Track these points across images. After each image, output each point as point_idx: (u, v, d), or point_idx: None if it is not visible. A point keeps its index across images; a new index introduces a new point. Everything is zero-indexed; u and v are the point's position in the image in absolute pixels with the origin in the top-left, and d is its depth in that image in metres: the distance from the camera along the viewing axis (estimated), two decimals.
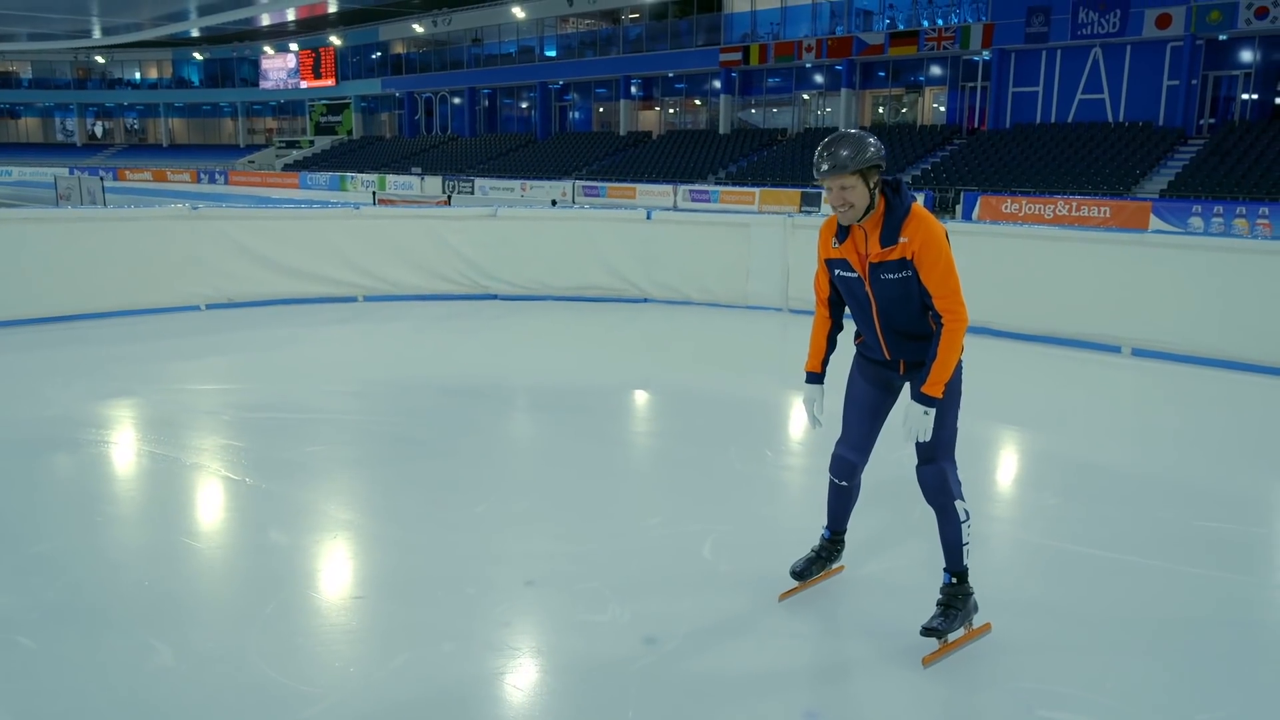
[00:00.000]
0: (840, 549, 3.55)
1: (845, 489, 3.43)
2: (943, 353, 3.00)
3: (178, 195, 34.26)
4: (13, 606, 3.34)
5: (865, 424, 3.31)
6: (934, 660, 3.05)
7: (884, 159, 3.00)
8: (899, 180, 3.06)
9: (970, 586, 3.19)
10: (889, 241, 2.99)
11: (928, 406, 3.01)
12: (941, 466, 3.10)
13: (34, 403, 6.12)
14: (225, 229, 9.63)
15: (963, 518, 3.13)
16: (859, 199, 2.98)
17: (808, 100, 39.02)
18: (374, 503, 4.59)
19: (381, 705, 2.81)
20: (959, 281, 2.99)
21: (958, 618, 3.13)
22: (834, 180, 2.97)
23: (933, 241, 2.96)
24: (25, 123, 67.02)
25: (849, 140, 2.97)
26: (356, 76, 55.46)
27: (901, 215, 2.99)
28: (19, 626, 3.20)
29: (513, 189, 37.58)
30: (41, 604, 3.38)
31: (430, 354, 8.16)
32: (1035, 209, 24.92)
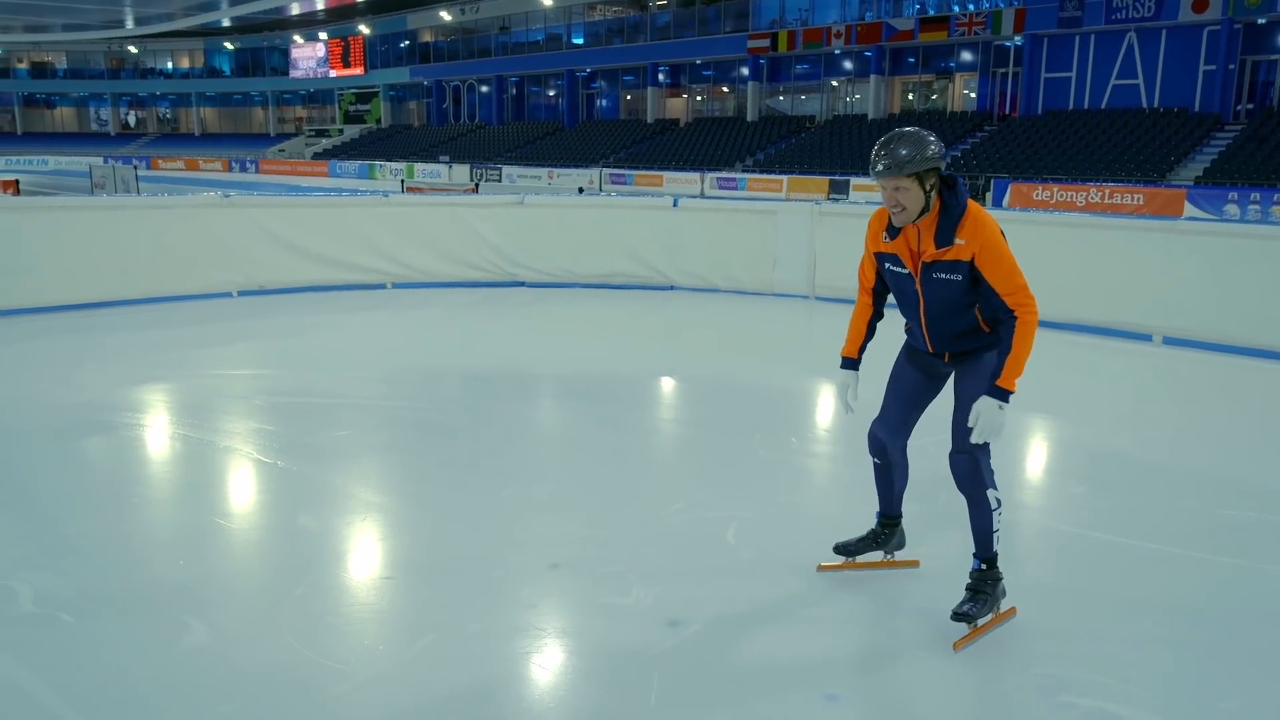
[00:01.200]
0: (892, 534, 3.53)
1: (882, 467, 3.42)
2: (1017, 345, 2.95)
3: (210, 184, 34.64)
4: (53, 584, 3.43)
5: (904, 408, 3.30)
6: (965, 644, 3.06)
7: (943, 159, 2.93)
8: (955, 178, 3.00)
9: (999, 572, 3.20)
10: (944, 243, 2.95)
11: (1002, 401, 2.96)
12: (974, 455, 3.08)
13: (70, 388, 6.25)
14: (256, 217, 9.74)
15: (994, 506, 3.12)
16: (912, 201, 2.93)
17: (836, 87, 38.76)
18: (401, 487, 4.65)
19: (409, 684, 2.87)
20: (1022, 274, 2.95)
21: (987, 603, 3.13)
22: (889, 181, 2.91)
23: (992, 242, 2.92)
24: (61, 112, 67.98)
25: (908, 140, 2.90)
26: (385, 65, 55.73)
27: (957, 216, 2.94)
28: (59, 604, 3.28)
29: (540, 177, 37.66)
30: (79, 582, 3.47)
31: (457, 341, 8.23)
32: (1067, 196, 24.64)
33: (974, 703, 2.85)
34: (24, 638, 3.06)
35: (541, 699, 2.85)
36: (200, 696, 2.77)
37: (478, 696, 2.81)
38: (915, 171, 2.89)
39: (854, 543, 3.53)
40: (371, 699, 2.78)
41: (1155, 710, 2.78)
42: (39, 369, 6.83)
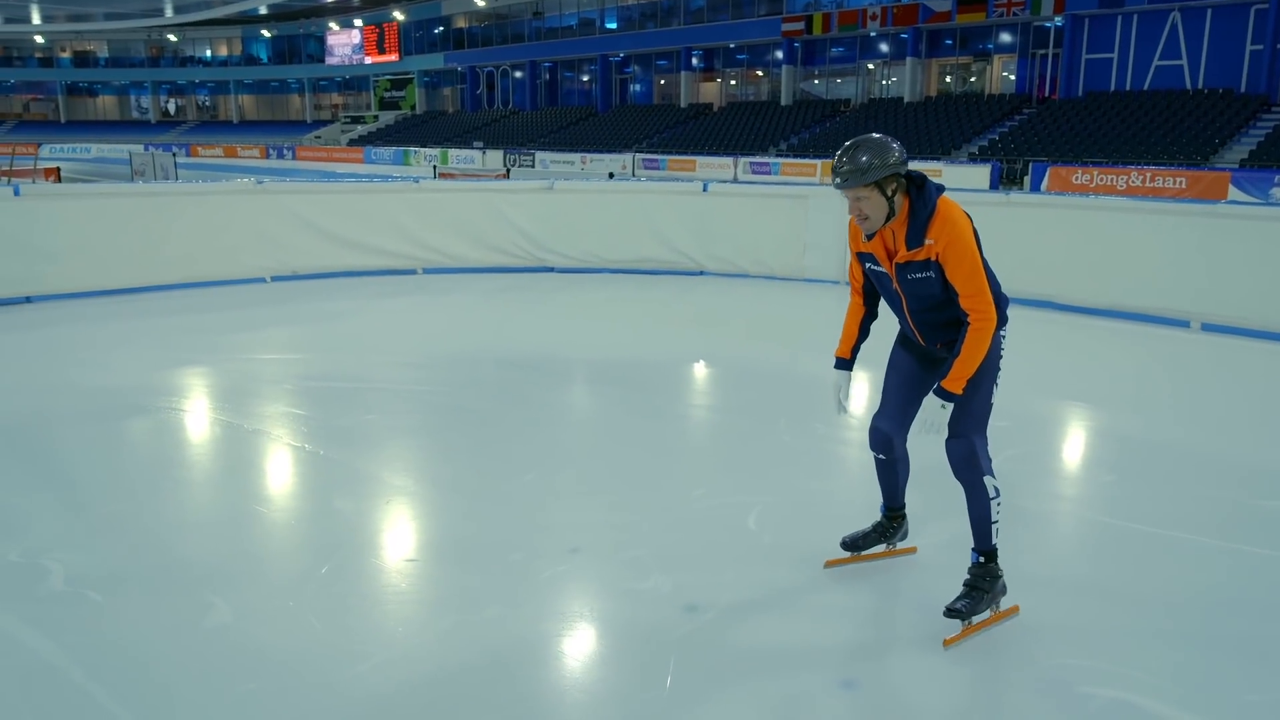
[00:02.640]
0: (898, 526, 3.52)
1: (885, 463, 3.39)
2: (967, 350, 2.92)
3: (247, 170, 34.99)
4: (84, 563, 3.50)
5: (904, 395, 3.26)
6: (955, 642, 2.99)
7: (903, 165, 2.90)
8: (923, 178, 2.96)
9: (998, 568, 3.12)
10: (915, 243, 2.93)
11: (945, 401, 2.95)
12: (971, 440, 3.03)
13: (108, 371, 6.36)
14: (289, 203, 9.84)
15: (992, 494, 3.06)
16: (874, 210, 2.93)
17: (872, 70, 38.31)
18: (427, 470, 4.69)
19: (428, 665, 2.90)
20: (985, 279, 2.91)
21: (984, 599, 3.06)
22: (849, 192, 2.91)
23: (957, 241, 2.88)
24: (102, 101, 69.02)
25: (864, 149, 2.88)
26: (419, 51, 55.92)
27: (926, 216, 2.91)
28: (89, 582, 3.35)
29: (573, 162, 37.63)
30: (110, 561, 3.54)
31: (486, 326, 8.26)
32: (1107, 180, 24.18)
33: (993, 692, 2.82)
34: (54, 615, 3.12)
35: (559, 682, 2.86)
36: (222, 675, 2.81)
37: (496, 679, 2.83)
38: (873, 181, 2.87)
39: (861, 537, 3.50)
40: (390, 680, 2.81)
41: (1179, 703, 2.74)
42: (78, 353, 6.96)
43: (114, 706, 2.65)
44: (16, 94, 67.76)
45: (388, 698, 2.73)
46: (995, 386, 3.07)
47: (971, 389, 2.98)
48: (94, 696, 2.69)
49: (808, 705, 2.73)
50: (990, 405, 3.07)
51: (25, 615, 3.11)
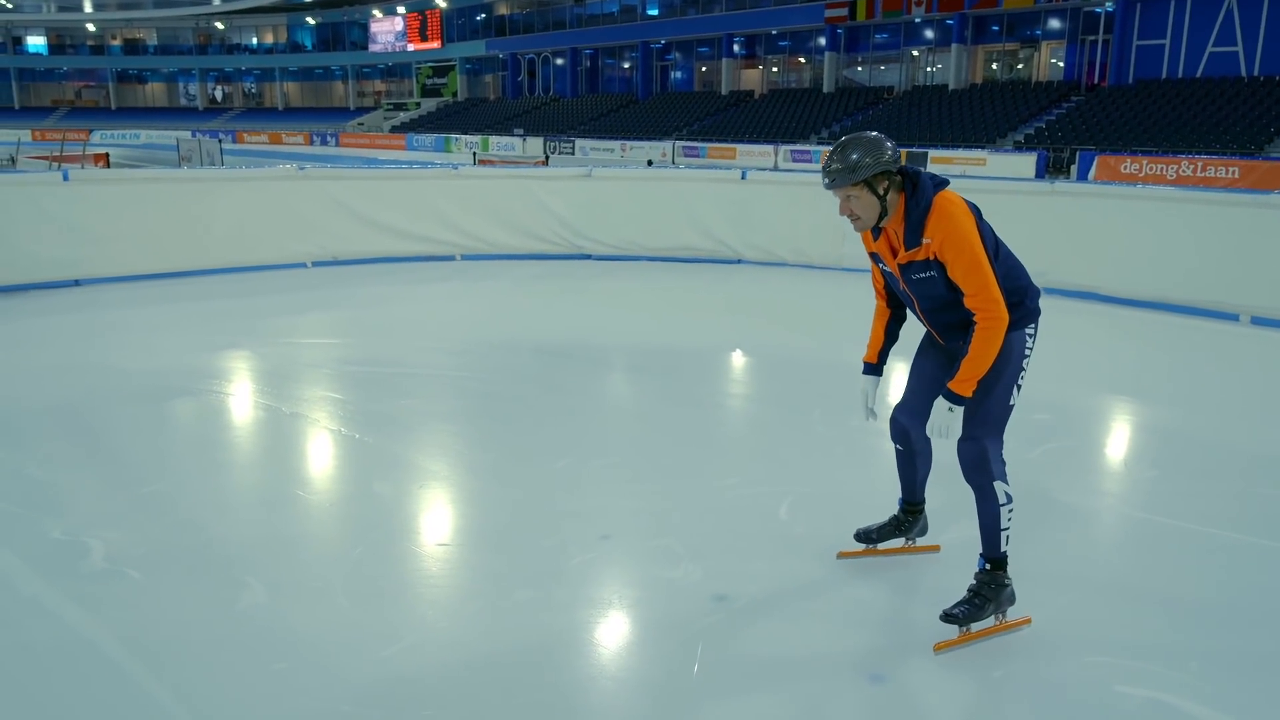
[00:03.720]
0: (914, 520, 3.44)
1: (904, 454, 3.33)
2: (974, 350, 2.79)
3: (291, 157, 35.42)
4: (124, 541, 3.57)
5: (926, 388, 3.15)
6: (946, 648, 2.88)
7: (895, 163, 2.81)
8: (918, 174, 2.85)
9: (1007, 577, 2.99)
10: (913, 243, 2.83)
11: (954, 404, 2.85)
12: (982, 444, 2.90)
13: (152, 353, 6.48)
14: (330, 189, 9.94)
15: (1003, 500, 2.93)
16: (864, 209, 2.84)
17: (916, 57, 37.81)
18: (462, 455, 4.72)
19: (457, 649, 2.92)
20: (989, 275, 2.77)
21: (986, 608, 2.95)
22: (837, 191, 2.83)
23: (953, 237, 2.75)
24: (151, 88, 70.17)
25: (855, 146, 2.79)
26: (461, 38, 56.14)
27: (922, 214, 2.79)
28: (129, 560, 3.42)
29: (613, 150, 37.59)
30: (150, 540, 3.61)
31: (523, 313, 8.29)
32: (1157, 169, 23.64)
33: (1026, 688, 2.78)
34: (94, 592, 3.19)
35: (587, 668, 2.87)
36: (255, 654, 2.86)
37: (524, 663, 2.84)
38: (862, 179, 2.78)
39: (875, 530, 3.44)
40: (419, 662, 2.84)
41: (1214, 703, 2.68)
42: (123, 335, 7.09)
43: (150, 683, 2.70)
44: (69, 81, 69.11)
45: (418, 680, 2.75)
46: (1018, 387, 2.93)
47: (985, 391, 2.86)
48: (131, 673, 2.75)
49: (835, 698, 2.71)
50: (1009, 407, 2.94)
51: (67, 591, 3.18)
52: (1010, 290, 2.87)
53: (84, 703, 2.63)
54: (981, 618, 2.94)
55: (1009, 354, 2.87)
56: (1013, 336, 2.88)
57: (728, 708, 2.65)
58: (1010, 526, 2.97)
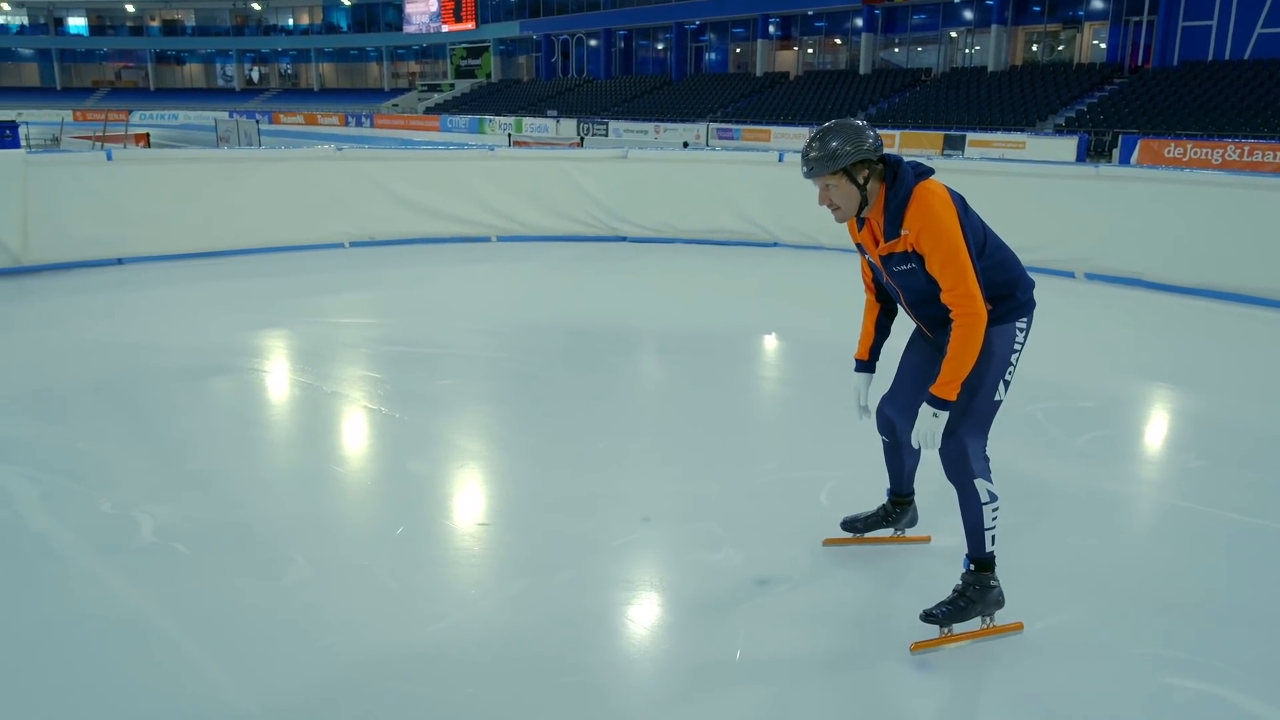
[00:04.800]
0: (903, 512, 3.39)
1: (890, 446, 3.26)
2: (954, 350, 2.68)
3: (327, 138, 35.62)
4: (172, 516, 3.62)
5: (914, 382, 3.03)
6: (923, 649, 2.79)
7: (876, 151, 2.71)
8: (899, 162, 2.75)
9: (993, 578, 2.89)
10: (892, 234, 2.73)
11: (938, 409, 2.73)
12: (963, 440, 2.78)
13: (193, 331, 6.56)
14: (367, 170, 9.99)
15: (985, 499, 2.82)
16: (843, 199, 2.75)
17: (955, 38, 37.27)
18: (500, 436, 4.74)
19: (500, 628, 2.94)
20: (968, 270, 2.64)
21: (970, 609, 2.85)
22: (816, 180, 2.74)
23: (931, 228, 2.65)
24: (189, 69, 70.85)
25: (835, 133, 2.70)
26: (495, 19, 56.09)
27: (901, 204, 2.70)
28: (177, 535, 3.47)
29: (646, 131, 37.45)
30: (196, 515, 3.66)
31: (558, 294, 8.30)
32: (1202, 154, 23.17)
33: (1072, 679, 2.75)
34: (144, 566, 3.24)
35: (628, 649, 2.88)
36: (302, 629, 2.89)
37: (566, 644, 2.85)
38: (842, 168, 2.70)
39: (862, 520, 3.40)
40: (463, 641, 2.86)
41: (1268, 697, 2.63)
42: (166, 313, 7.18)
43: (200, 656, 2.74)
44: (109, 62, 69.93)
45: (461, 659, 2.77)
46: (1005, 383, 2.81)
47: (970, 389, 2.75)
48: (181, 645, 2.79)
49: (881, 683, 2.70)
50: (994, 404, 2.82)
51: (117, 565, 3.23)
52: (1000, 283, 2.78)
53: (135, 672, 2.67)
54: (964, 619, 2.85)
55: (994, 349, 2.76)
56: (1000, 330, 2.77)
57: (769, 692, 2.64)
58: (996, 526, 2.87)
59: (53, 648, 2.78)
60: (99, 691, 2.60)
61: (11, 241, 8.13)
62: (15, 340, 6.42)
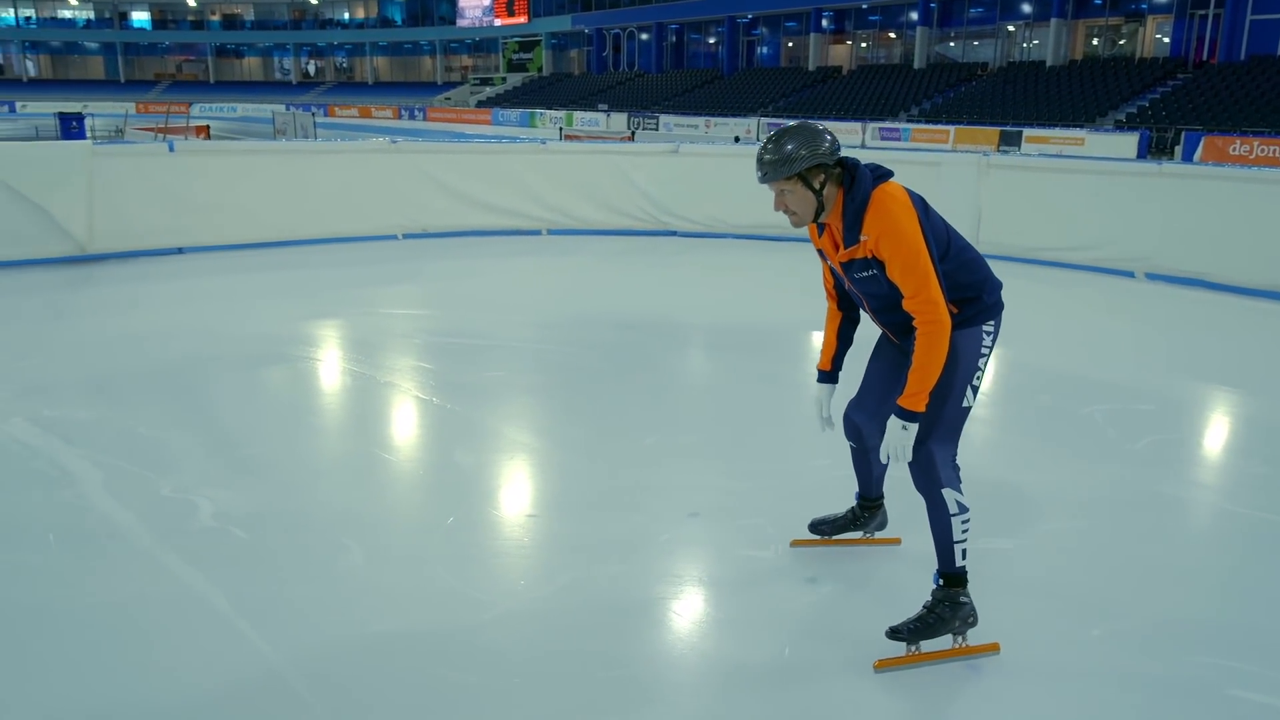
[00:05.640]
0: (871, 516, 3.33)
1: (857, 451, 3.21)
2: (919, 360, 2.59)
3: (381, 131, 36.06)
4: (230, 501, 3.70)
5: (882, 387, 2.98)
6: (887, 667, 2.68)
7: (832, 155, 2.62)
8: (856, 166, 2.67)
9: (964, 595, 2.76)
10: (851, 240, 2.65)
11: (906, 421, 2.64)
12: (930, 449, 2.69)
13: (250, 320, 6.69)
14: (420, 163, 10.09)
15: (953, 510, 2.72)
16: (799, 204, 2.67)
17: (1013, 32, 36.63)
18: (549, 428, 4.76)
19: (548, 619, 2.95)
20: (929, 275, 2.56)
21: (939, 627, 2.73)
22: (771, 185, 2.66)
23: (890, 233, 2.56)
24: (248, 62, 72.17)
25: (791, 137, 2.62)
26: (547, 13, 56.32)
27: (859, 209, 2.61)
28: (234, 519, 3.54)
29: (697, 126, 37.36)
30: (253, 500, 3.73)
31: (608, 288, 8.31)
32: (1269, 151, 22.50)
33: (1133, 689, 2.69)
34: (203, 549, 3.31)
35: (676, 645, 2.87)
36: (353, 615, 2.93)
37: (613, 637, 2.86)
38: (796, 173, 2.61)
39: (830, 523, 3.34)
40: (511, 631, 2.88)
41: None
42: (224, 302, 7.33)
43: (256, 638, 2.79)
44: (171, 55, 71.47)
45: (508, 649, 2.80)
46: (973, 389, 2.72)
47: (938, 397, 2.66)
48: (238, 627, 2.85)
49: (935, 684, 2.66)
50: (962, 410, 2.72)
51: (177, 547, 3.31)
52: (965, 285, 2.70)
53: (191, 649, 2.73)
54: (932, 636, 2.73)
55: (960, 355, 2.67)
56: (965, 334, 2.69)
57: (819, 691, 2.63)
58: (966, 539, 2.75)
59: (114, 624, 2.86)
60: (157, 665, 2.66)
61: (78, 231, 8.35)
62: (80, 327, 6.59)
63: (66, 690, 2.56)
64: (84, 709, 2.50)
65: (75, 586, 3.09)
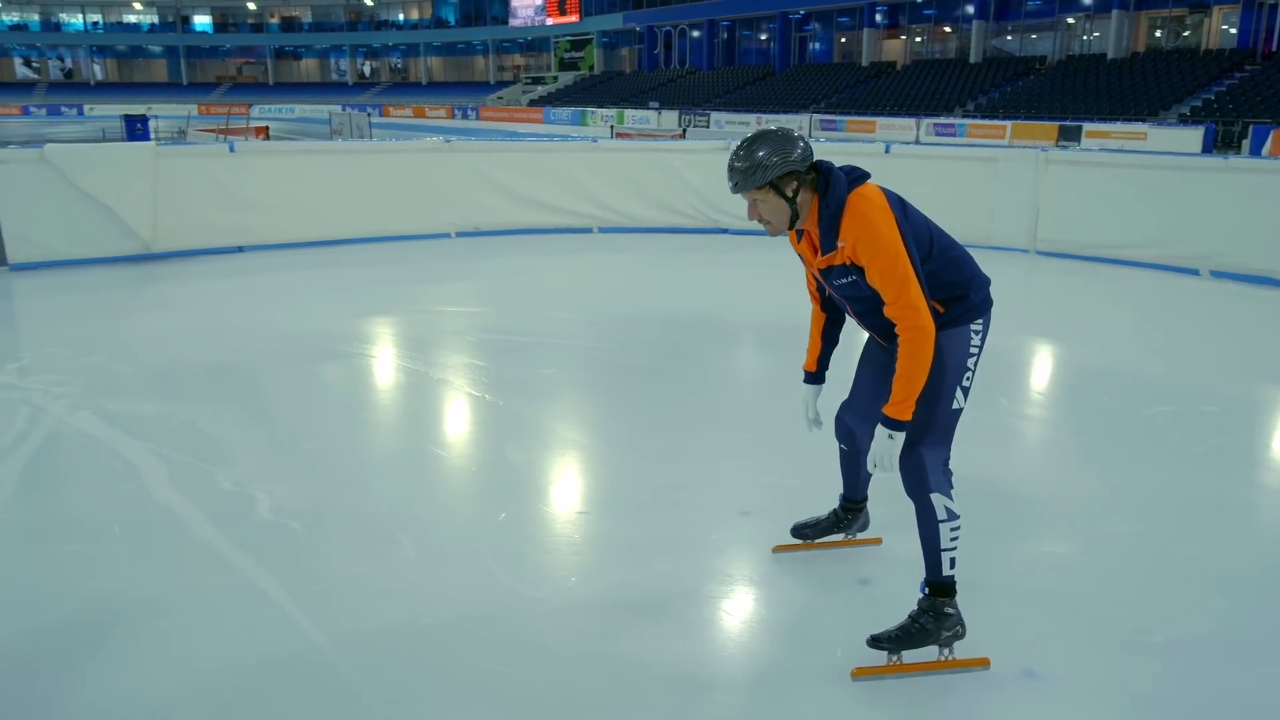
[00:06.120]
0: (855, 518, 3.28)
1: (847, 454, 3.15)
2: (903, 367, 2.52)
3: (434, 130, 36.43)
4: (287, 494, 3.77)
5: (874, 389, 2.90)
6: (865, 676, 2.64)
7: (802, 162, 2.54)
8: (830, 170, 2.58)
9: (951, 606, 2.68)
10: (828, 247, 2.58)
11: (893, 430, 2.57)
12: (920, 453, 2.63)
13: (308, 317, 6.81)
14: (474, 162, 10.18)
15: (942, 516, 2.64)
16: (773, 213, 2.61)
17: (1072, 24, 35.88)
18: (599, 425, 4.78)
19: (597, 616, 2.96)
20: (908, 280, 2.47)
21: (922, 637, 2.66)
22: (744, 195, 2.61)
23: (867, 238, 2.49)
24: (305, 64, 73.48)
25: (762, 143, 2.55)
26: (599, 12, 56.47)
27: (835, 214, 2.54)
28: (291, 513, 3.61)
29: (748, 123, 37.13)
30: (309, 494, 3.80)
31: (659, 285, 8.31)
32: None
33: (1199, 693, 2.62)
34: (261, 541, 3.39)
35: (726, 644, 2.87)
36: (407, 608, 2.97)
37: (663, 635, 2.86)
38: (766, 182, 2.54)
39: (813, 526, 3.29)
40: (561, 628, 2.90)
41: None
42: (282, 298, 7.47)
43: (313, 629, 2.84)
44: (231, 58, 73.03)
45: (557, 645, 2.81)
46: (963, 390, 2.65)
47: (927, 400, 2.58)
48: (294, 618, 2.90)
49: (993, 687, 2.62)
50: (953, 413, 2.66)
51: (237, 539, 3.38)
52: (951, 283, 2.62)
53: (250, 640, 2.79)
54: (915, 646, 2.67)
55: (948, 356, 2.60)
56: (952, 334, 2.62)
57: (872, 691, 2.60)
58: (955, 548, 2.66)
59: (175, 612, 2.93)
60: (216, 652, 2.72)
61: (142, 229, 8.57)
62: (144, 323, 6.77)
63: (130, 676, 2.63)
64: (146, 693, 2.56)
65: (135, 574, 3.17)
